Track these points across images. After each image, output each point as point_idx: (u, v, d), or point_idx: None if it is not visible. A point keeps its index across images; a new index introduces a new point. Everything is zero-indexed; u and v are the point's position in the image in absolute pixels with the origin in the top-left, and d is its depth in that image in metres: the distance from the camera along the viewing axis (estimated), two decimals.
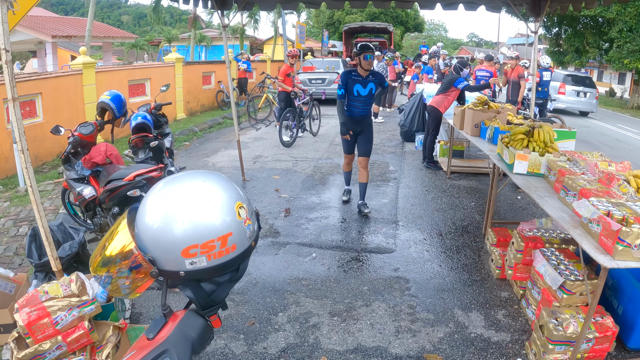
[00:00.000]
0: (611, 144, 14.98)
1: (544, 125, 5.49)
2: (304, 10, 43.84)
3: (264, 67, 23.87)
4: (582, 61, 31.75)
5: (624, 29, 24.92)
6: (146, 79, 14.31)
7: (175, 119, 15.64)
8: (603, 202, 3.72)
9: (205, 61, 22.59)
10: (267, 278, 5.32)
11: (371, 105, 7.30)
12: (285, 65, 12.42)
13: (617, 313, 4.46)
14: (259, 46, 50.33)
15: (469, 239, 6.58)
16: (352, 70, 7.12)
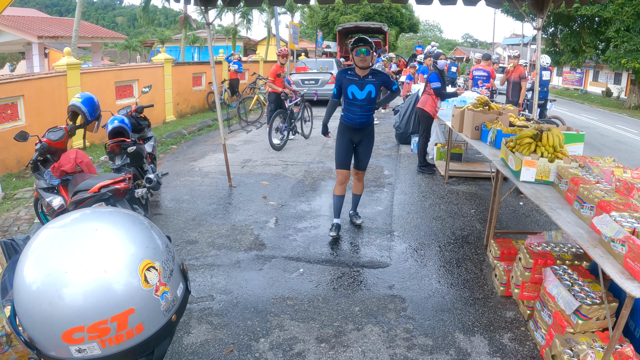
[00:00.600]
0: (612, 146, 14.60)
1: (552, 128, 5.02)
2: (297, 10, 43.51)
3: (256, 67, 23.46)
4: (578, 61, 31.56)
5: (621, 28, 24.66)
6: (134, 80, 13.85)
7: (165, 121, 15.24)
8: (626, 217, 3.26)
9: (196, 62, 22.12)
10: (249, 297, 4.84)
11: (372, 111, 6.32)
12: (276, 65, 11.98)
13: (635, 336, 4.01)
14: (253, 47, 49.97)
15: (470, 250, 6.12)
16: (348, 68, 6.19)
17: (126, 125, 6.66)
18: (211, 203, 7.51)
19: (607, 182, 4.14)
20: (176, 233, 6.34)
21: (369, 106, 6.20)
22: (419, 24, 57.93)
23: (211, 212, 7.11)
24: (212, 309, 4.60)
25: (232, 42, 42.67)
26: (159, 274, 1.07)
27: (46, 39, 23.18)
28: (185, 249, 5.87)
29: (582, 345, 3.53)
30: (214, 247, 5.95)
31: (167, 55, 16.01)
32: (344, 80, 6.12)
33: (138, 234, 1.06)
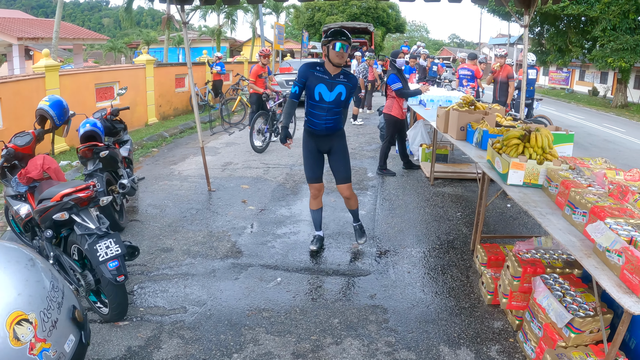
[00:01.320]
0: (600, 145, 14.49)
1: (541, 129, 4.80)
2: (283, 11, 43.43)
3: (241, 68, 23.17)
4: (564, 60, 31.62)
5: (607, 27, 24.79)
6: (114, 82, 13.53)
7: (147, 124, 14.96)
8: (622, 224, 3.04)
9: (179, 63, 21.85)
10: (224, 309, 4.58)
11: (340, 115, 5.58)
12: (257, 66, 11.73)
13: (629, 347, 3.79)
14: (238, 48, 49.83)
15: (456, 256, 5.89)
16: (316, 63, 5.36)
17: (98, 128, 6.39)
18: (189, 208, 7.24)
19: (600, 185, 3.92)
20: (151, 240, 6.08)
21: (337, 109, 5.47)
22: (405, 24, 57.98)
23: (188, 218, 6.85)
24: (184, 322, 4.35)
25: (217, 43, 42.52)
26: (35, 328, 0.81)
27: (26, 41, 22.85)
28: (159, 257, 5.60)
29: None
30: (189, 255, 5.69)
31: (149, 57, 15.74)
32: (311, 77, 5.31)
33: (7, 277, 0.80)
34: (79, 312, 1.11)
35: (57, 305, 0.90)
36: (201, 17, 43.19)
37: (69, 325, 0.93)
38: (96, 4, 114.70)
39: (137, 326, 4.25)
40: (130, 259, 4.43)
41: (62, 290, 1.22)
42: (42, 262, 1.63)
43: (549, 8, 24.73)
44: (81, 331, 1.01)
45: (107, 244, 4.05)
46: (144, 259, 5.54)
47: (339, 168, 5.69)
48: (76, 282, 4.26)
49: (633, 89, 34.78)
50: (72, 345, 0.93)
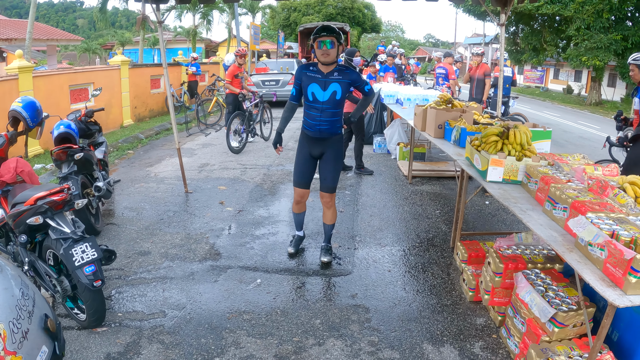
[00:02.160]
0: (576, 142, 14.62)
1: (519, 125, 4.80)
2: (258, 11, 43.32)
3: (216, 69, 23.02)
4: (539, 59, 32.03)
5: (581, 26, 25.18)
6: (89, 84, 13.33)
7: (122, 126, 14.77)
8: (603, 218, 3.03)
9: (154, 64, 21.63)
10: (204, 312, 4.51)
11: (337, 117, 5.23)
12: (233, 66, 11.64)
13: (612, 340, 3.81)
14: (214, 48, 49.62)
15: (436, 253, 5.88)
16: (310, 64, 5.18)
17: (73, 130, 6.28)
18: (166, 210, 7.15)
19: (579, 180, 3.92)
20: (128, 244, 5.98)
21: (334, 110, 5.14)
22: (381, 24, 58.07)
23: (165, 221, 6.76)
24: (163, 327, 4.26)
25: (192, 43, 42.28)
26: (3, 340, 0.75)
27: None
28: (137, 261, 5.51)
29: (559, 355, 3.31)
30: (167, 258, 5.61)
31: (124, 57, 15.55)
32: (304, 77, 5.10)
33: None
34: (52, 321, 1.05)
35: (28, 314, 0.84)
36: (176, 17, 42.92)
37: (41, 335, 0.87)
38: (70, 5, 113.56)
39: (116, 332, 4.16)
40: (106, 263, 4.34)
41: (33, 298, 1.16)
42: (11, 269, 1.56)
43: (524, 8, 25.07)
44: (54, 341, 0.95)
45: (83, 249, 3.95)
46: (121, 263, 5.44)
47: (326, 175, 5.38)
48: (52, 289, 4.16)
49: (607, 87, 35.36)
50: (46, 357, 0.86)
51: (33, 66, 11.44)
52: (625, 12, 25.72)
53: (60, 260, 4.12)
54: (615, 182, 3.84)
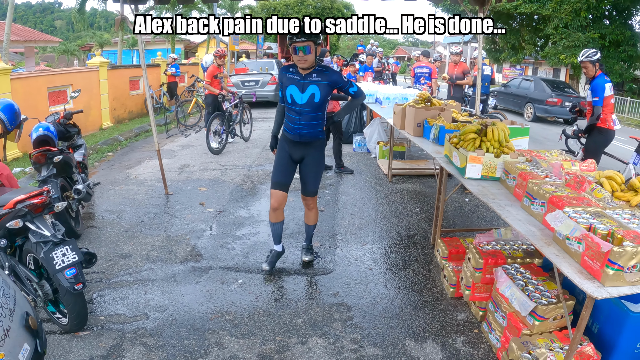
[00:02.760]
0: (554, 139, 14.72)
1: (497, 123, 4.84)
2: (238, 11, 43.13)
3: (196, 70, 22.92)
4: (518, 58, 32.29)
5: (559, 25, 25.45)
6: (67, 86, 13.18)
7: (101, 128, 14.65)
8: (581, 212, 3.08)
9: (133, 65, 21.47)
10: (186, 313, 4.49)
11: (318, 121, 5.01)
12: (212, 66, 11.58)
13: (592, 332, 3.87)
14: (193, 49, 49.38)
15: (417, 251, 5.91)
16: (291, 65, 4.98)
17: (52, 133, 6.23)
18: (146, 213, 7.11)
19: (557, 176, 3.97)
20: (109, 247, 5.94)
21: (313, 114, 4.93)
22: None
23: (146, 223, 6.72)
24: (146, 329, 4.24)
25: (172, 44, 42.04)
26: None
27: None
28: (118, 264, 5.47)
29: (540, 348, 3.35)
30: (149, 261, 5.58)
31: (103, 59, 15.43)
32: (284, 79, 4.93)
33: None
34: (33, 319, 1.04)
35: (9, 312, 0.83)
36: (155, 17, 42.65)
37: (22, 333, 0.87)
38: (48, 6, 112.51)
39: (98, 335, 4.13)
40: (87, 266, 4.30)
41: (14, 297, 1.16)
42: None
43: (502, 7, 25.32)
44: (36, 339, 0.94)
45: (64, 252, 3.92)
46: (102, 265, 5.40)
47: (308, 180, 5.21)
48: (33, 293, 4.12)
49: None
50: (27, 354, 0.86)
51: (11, 68, 11.30)
52: (602, 10, 26.09)
53: (41, 264, 4.08)
54: (592, 177, 3.90)
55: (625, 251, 2.57)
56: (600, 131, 7.28)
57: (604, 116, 7.18)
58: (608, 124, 7.21)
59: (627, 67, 26.64)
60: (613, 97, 7.22)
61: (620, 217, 3.12)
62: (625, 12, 26.32)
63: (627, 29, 25.88)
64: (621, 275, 2.61)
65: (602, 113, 7.16)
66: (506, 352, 3.59)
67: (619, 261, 2.57)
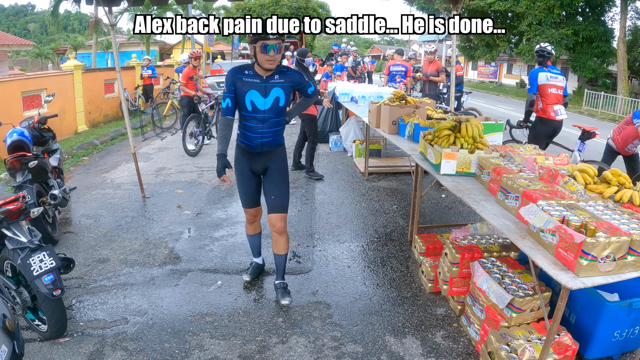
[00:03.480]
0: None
1: (471, 119, 4.89)
2: (213, 12, 42.93)
3: (171, 72, 22.78)
4: (492, 55, 32.64)
5: (533, 22, 25.85)
6: (41, 90, 13.01)
7: (76, 132, 14.50)
8: (554, 205, 3.13)
9: (107, 68, 21.25)
10: (166, 317, 4.48)
11: (281, 126, 4.56)
12: (188, 68, 11.52)
13: (570, 322, 3.97)
14: (168, 51, 49.06)
15: (394, 247, 5.95)
16: (244, 66, 4.35)
17: (26, 138, 6.18)
18: (124, 216, 7.07)
19: (530, 170, 4.03)
20: (86, 252, 5.88)
21: (277, 119, 4.46)
22: None
23: (123, 227, 6.68)
24: (126, 333, 4.22)
25: (146, 46, 41.69)
26: None
27: None
28: (96, 269, 5.43)
29: (518, 339, 3.40)
30: (127, 265, 5.54)
31: (77, 62, 15.25)
32: (240, 84, 4.28)
33: None
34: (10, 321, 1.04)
35: None
36: (130, 19, 42.26)
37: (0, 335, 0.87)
38: (21, 9, 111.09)
39: (79, 342, 4.10)
40: (65, 271, 4.27)
41: None
42: None
43: (476, 4, 25.59)
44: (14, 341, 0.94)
45: (41, 257, 3.88)
46: (81, 271, 5.36)
47: (273, 193, 4.59)
48: (12, 300, 4.08)
49: None
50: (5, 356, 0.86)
51: None
52: (575, 7, 26.56)
53: (19, 271, 4.05)
54: (566, 170, 3.96)
55: (599, 242, 2.62)
56: (542, 121, 7.62)
57: (544, 106, 7.53)
58: (548, 114, 7.51)
59: (600, 63, 27.13)
60: (554, 88, 7.52)
61: (593, 209, 3.18)
62: (598, 9, 26.86)
63: (600, 25, 26.41)
64: (595, 266, 2.66)
65: (542, 103, 7.53)
66: (485, 344, 3.63)
67: (593, 252, 2.62)
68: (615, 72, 27.34)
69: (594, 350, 3.79)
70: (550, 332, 2.92)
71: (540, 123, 7.63)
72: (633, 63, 28.67)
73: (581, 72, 27.57)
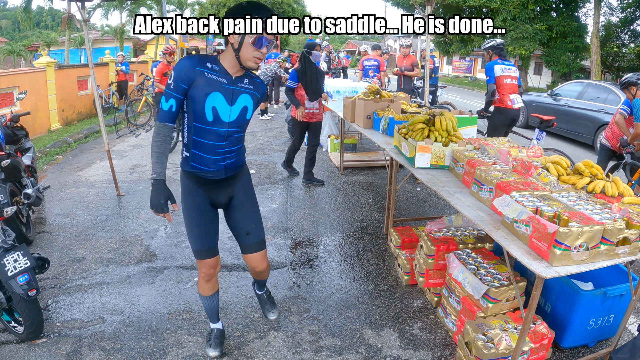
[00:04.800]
0: None
1: (444, 112, 4.92)
2: (187, 8, 42.71)
3: (145, 68, 22.60)
4: (467, 50, 32.86)
5: (507, 18, 26.08)
6: (14, 87, 12.79)
7: (50, 130, 14.28)
8: (527, 196, 3.17)
9: (81, 64, 21.01)
10: (143, 315, 4.45)
11: (242, 142, 3.47)
12: (162, 64, 11.45)
13: (546, 311, 4.05)
14: (142, 47, 48.67)
15: (370, 241, 5.98)
16: (206, 58, 3.18)
17: None
18: (99, 215, 7.00)
19: (504, 162, 4.07)
20: (61, 251, 5.82)
21: (240, 134, 3.37)
22: None
23: (99, 225, 6.62)
24: (103, 333, 4.18)
25: (120, 42, 41.34)
26: None
27: None
28: (71, 268, 5.37)
29: (495, 329, 3.44)
30: (103, 263, 5.49)
31: (50, 59, 15.00)
32: (200, 80, 3.09)
33: None
34: None
35: None
36: (103, 15, 41.95)
37: None
38: None
39: (56, 342, 4.06)
40: (40, 271, 4.21)
41: None
42: None
43: (451, 0, 25.74)
44: None
45: (15, 257, 3.83)
46: (56, 271, 5.30)
47: (247, 227, 3.65)
48: None
49: (533, 75, 36.78)
50: None
51: None
52: (549, 3, 26.89)
53: None
54: (539, 162, 4.01)
55: (572, 231, 2.66)
56: (500, 111, 7.89)
57: (501, 96, 7.82)
58: (505, 103, 7.80)
59: (574, 58, 27.51)
60: (509, 79, 7.83)
61: (567, 200, 3.22)
62: (572, 4, 27.22)
63: (573, 20, 26.76)
64: (568, 255, 2.70)
65: (500, 94, 7.81)
66: (462, 335, 3.66)
67: (566, 241, 2.66)
68: (589, 66, 27.70)
69: (570, 339, 3.86)
70: (526, 321, 2.96)
71: (499, 113, 7.89)
72: (606, 58, 29.17)
73: (555, 67, 27.89)
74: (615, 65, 30.66)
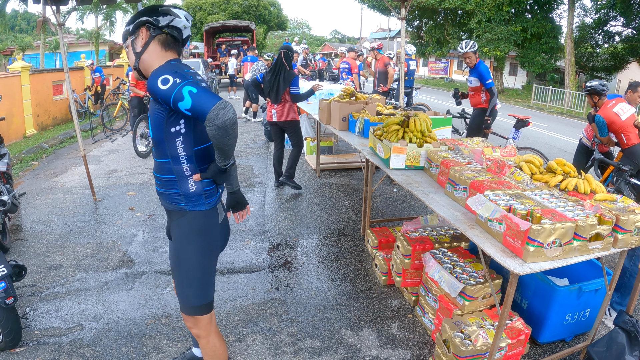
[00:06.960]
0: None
1: (419, 114, 4.97)
2: None
3: (121, 72, 22.43)
4: (443, 52, 33.17)
5: (482, 19, 26.38)
6: None
7: (25, 136, 14.11)
8: (501, 195, 3.21)
9: (56, 69, 20.78)
10: (122, 320, 4.43)
11: (168, 166, 2.72)
12: None
13: (522, 307, 4.12)
14: (118, 51, 48.21)
15: (348, 242, 6.03)
16: None
17: None
18: (75, 221, 6.95)
19: (478, 162, 4.12)
20: (38, 258, 5.77)
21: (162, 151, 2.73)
22: (287, 21, 58.01)
23: (75, 231, 6.57)
24: (82, 340, 4.15)
25: (95, 46, 40.97)
26: None
27: None
28: (49, 275, 5.33)
29: (472, 326, 3.48)
30: (80, 270, 5.46)
31: (24, 63, 14.82)
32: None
33: None
34: None
35: None
36: (78, 19, 41.48)
37: None
38: None
39: (35, 351, 4.02)
40: (17, 279, 4.18)
41: None
42: None
43: (427, 2, 25.96)
44: None
45: None
46: (33, 278, 5.25)
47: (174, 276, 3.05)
48: None
49: (508, 76, 37.22)
50: None
51: None
52: (524, 4, 27.26)
53: None
54: (513, 161, 4.07)
55: (544, 228, 2.70)
56: (485, 111, 7.89)
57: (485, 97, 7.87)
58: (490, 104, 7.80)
59: (548, 58, 27.89)
60: None
61: (539, 197, 3.27)
62: (546, 6, 27.63)
63: (547, 22, 27.17)
64: (542, 251, 2.74)
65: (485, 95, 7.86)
66: (440, 333, 3.70)
67: (539, 238, 2.70)
68: (563, 67, 28.14)
69: (546, 334, 3.93)
70: (502, 318, 3.00)
71: (484, 113, 7.89)
72: (580, 58, 29.60)
73: (530, 68, 28.24)
74: (589, 66, 31.14)
